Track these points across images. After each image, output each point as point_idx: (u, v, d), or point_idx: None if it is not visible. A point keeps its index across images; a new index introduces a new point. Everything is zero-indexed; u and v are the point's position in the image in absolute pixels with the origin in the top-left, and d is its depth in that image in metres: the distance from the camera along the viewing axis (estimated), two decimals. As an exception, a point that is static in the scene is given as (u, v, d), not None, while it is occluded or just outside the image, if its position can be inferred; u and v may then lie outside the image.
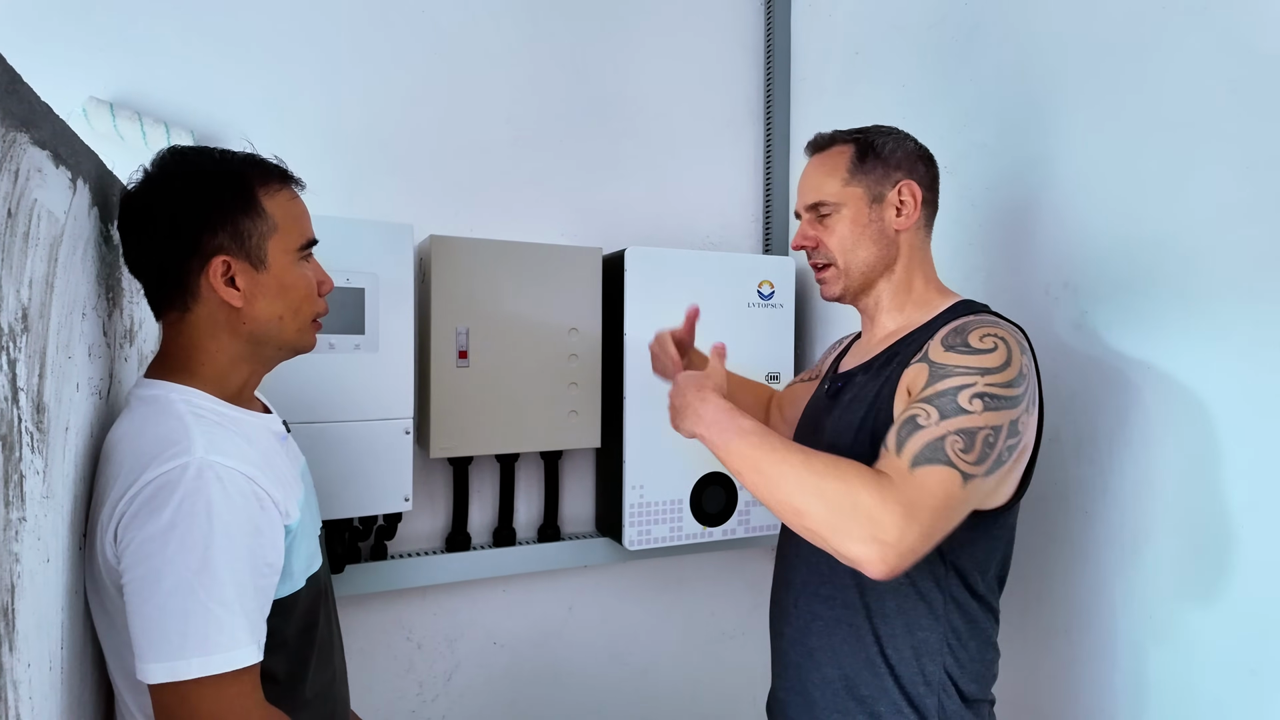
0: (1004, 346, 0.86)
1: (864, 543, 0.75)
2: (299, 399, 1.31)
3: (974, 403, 0.81)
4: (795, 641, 1.04)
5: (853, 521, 0.76)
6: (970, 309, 0.99)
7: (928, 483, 0.77)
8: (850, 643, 0.97)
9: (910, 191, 1.03)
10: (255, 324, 0.87)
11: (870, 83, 1.74)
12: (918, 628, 0.93)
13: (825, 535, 0.78)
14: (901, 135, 1.06)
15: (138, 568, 0.73)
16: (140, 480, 0.75)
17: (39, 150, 0.66)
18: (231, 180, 0.86)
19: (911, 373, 0.90)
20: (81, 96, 1.37)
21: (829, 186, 1.04)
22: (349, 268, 1.36)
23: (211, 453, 0.77)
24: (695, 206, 1.97)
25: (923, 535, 0.76)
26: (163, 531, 0.73)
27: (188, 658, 0.72)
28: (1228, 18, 1.03)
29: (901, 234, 1.03)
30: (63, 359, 0.73)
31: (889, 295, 1.05)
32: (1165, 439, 1.10)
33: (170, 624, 0.72)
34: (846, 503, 0.76)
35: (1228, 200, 1.03)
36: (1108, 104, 1.19)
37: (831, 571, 0.98)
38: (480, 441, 1.53)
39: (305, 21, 1.57)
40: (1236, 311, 1.02)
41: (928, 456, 0.79)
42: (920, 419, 0.82)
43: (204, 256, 0.83)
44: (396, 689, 1.67)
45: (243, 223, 0.85)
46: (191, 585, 0.73)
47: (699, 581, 1.97)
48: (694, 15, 1.95)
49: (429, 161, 1.68)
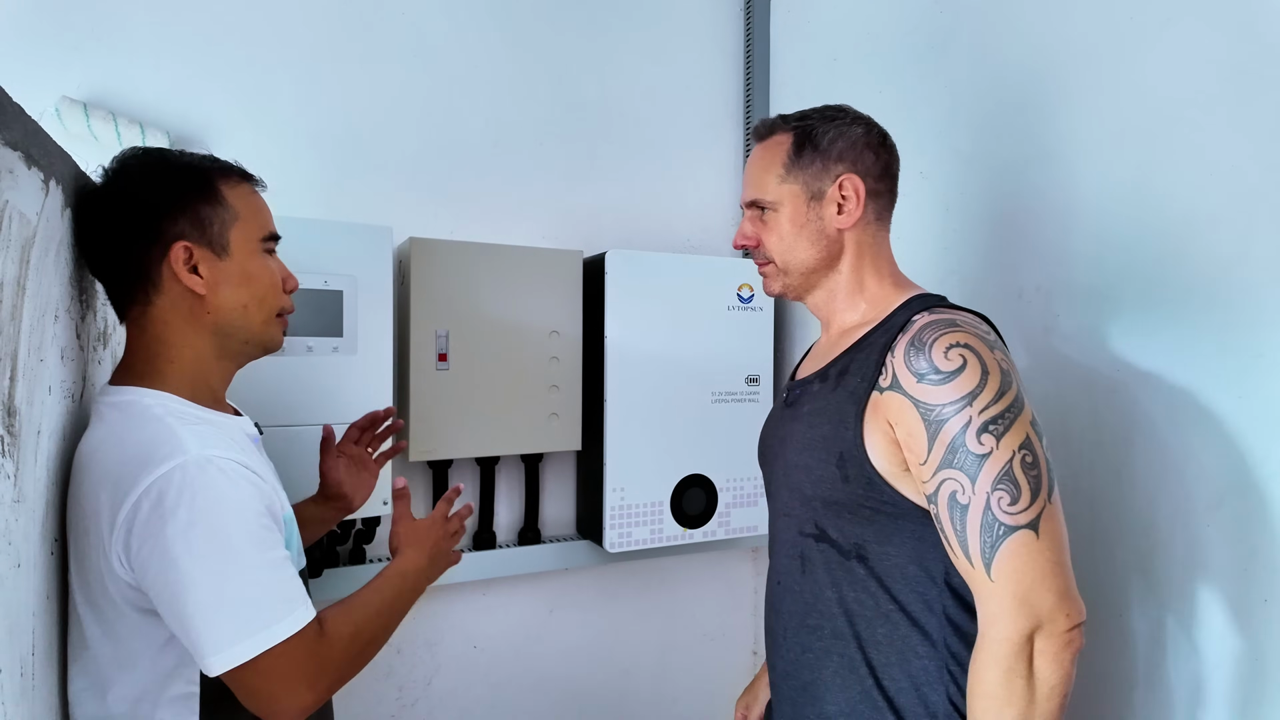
0: (971, 357, 0.80)
1: (1046, 660, 0.75)
2: (277, 402, 1.30)
3: (984, 440, 0.77)
4: (788, 675, 0.96)
5: (1027, 692, 0.75)
6: (924, 302, 0.92)
7: (1011, 566, 0.75)
8: (843, 675, 0.89)
9: (852, 186, 0.94)
10: (219, 314, 0.87)
11: (848, 89, 1.76)
12: (913, 655, 0.85)
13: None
14: (847, 120, 0.97)
15: (169, 573, 0.74)
16: (138, 489, 0.75)
17: (10, 151, 0.66)
18: (190, 170, 0.87)
19: (891, 409, 0.83)
20: (54, 96, 1.35)
21: (767, 183, 0.97)
22: (327, 270, 1.35)
23: (206, 448, 0.78)
24: (675, 210, 1.97)
25: (1053, 598, 0.75)
26: (184, 531, 0.74)
27: (253, 635, 0.75)
28: (1195, 28, 1.06)
29: (846, 231, 0.96)
30: (34, 362, 0.72)
31: (841, 294, 0.98)
32: (1138, 439, 1.13)
33: (220, 613, 0.74)
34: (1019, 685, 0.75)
35: (1194, 205, 1.06)
36: (1080, 111, 1.22)
37: (816, 599, 0.91)
38: (460, 444, 1.53)
39: (284, 22, 1.56)
40: (1207, 312, 1.05)
41: (991, 543, 0.76)
42: (959, 495, 0.78)
43: (165, 244, 0.83)
44: (375, 693, 1.66)
45: (203, 209, 0.85)
46: (226, 573, 0.75)
47: (680, 583, 1.98)
48: (674, 21, 1.97)
49: (409, 163, 1.67)
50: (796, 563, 0.94)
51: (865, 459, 0.85)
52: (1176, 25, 1.08)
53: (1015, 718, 0.74)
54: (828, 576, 0.89)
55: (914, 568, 0.85)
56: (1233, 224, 1.01)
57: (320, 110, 1.59)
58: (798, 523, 0.94)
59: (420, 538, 1.01)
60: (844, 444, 0.86)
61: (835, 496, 0.88)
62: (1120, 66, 1.16)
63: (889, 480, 0.84)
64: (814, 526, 0.91)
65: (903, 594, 0.85)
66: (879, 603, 0.86)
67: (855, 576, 0.87)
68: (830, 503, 0.88)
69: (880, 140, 0.98)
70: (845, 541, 0.88)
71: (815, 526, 0.91)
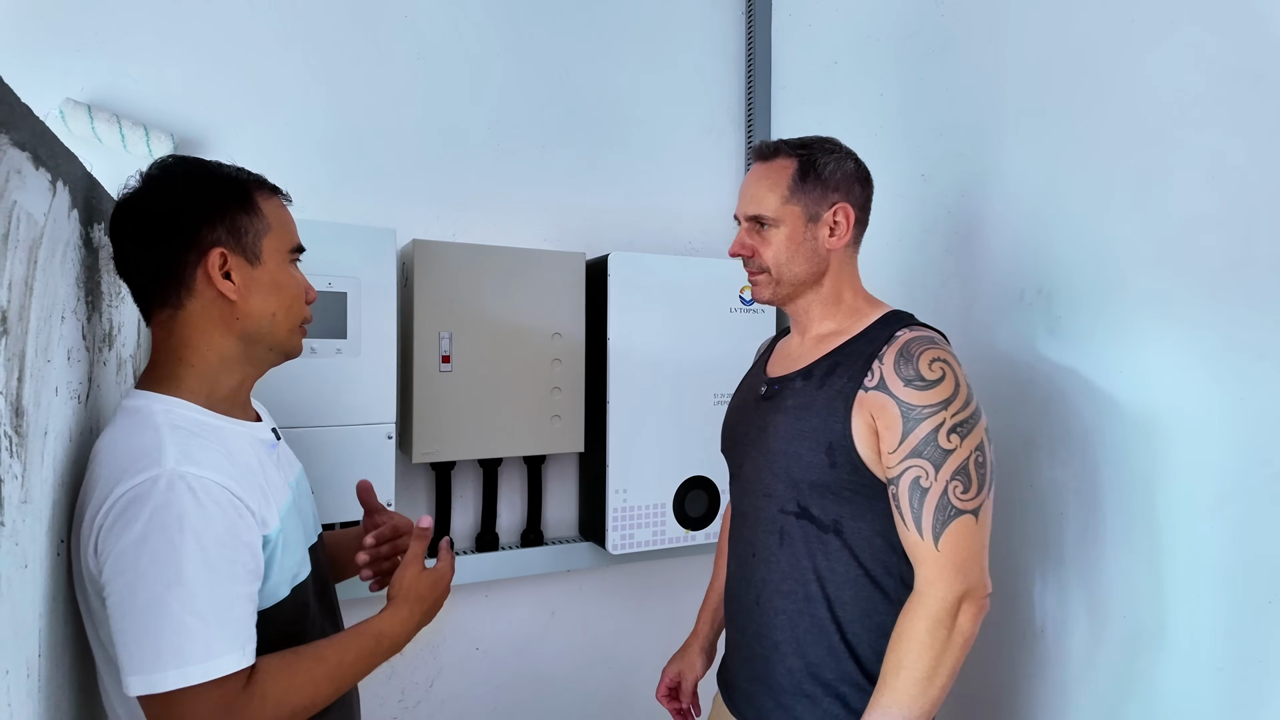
0: (949, 371, 0.96)
1: (968, 618, 0.93)
2: (281, 403, 1.30)
3: (951, 438, 0.94)
4: (760, 636, 1.08)
5: (947, 641, 0.93)
6: (900, 319, 1.07)
7: (954, 541, 0.93)
8: (813, 633, 1.03)
9: (845, 214, 1.08)
10: (249, 320, 0.88)
11: (848, 92, 1.77)
12: (875, 611, 1.01)
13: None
14: (843, 154, 1.10)
15: (115, 581, 0.74)
16: (114, 494, 0.75)
17: (18, 152, 0.66)
18: (230, 180, 0.89)
19: (875, 404, 0.98)
20: (59, 98, 1.35)
21: (769, 202, 1.08)
22: (331, 272, 1.35)
23: (183, 463, 0.77)
24: (677, 213, 1.98)
25: (979, 571, 0.94)
26: (135, 544, 0.73)
27: (164, 670, 0.72)
28: (1194, 34, 1.07)
29: (833, 252, 1.09)
30: (41, 362, 0.72)
31: (819, 305, 1.11)
32: (1138, 441, 1.13)
33: (146, 637, 0.72)
34: (938, 648, 0.93)
35: (1195, 208, 1.06)
36: (1082, 113, 1.22)
37: (792, 568, 1.05)
38: (463, 446, 1.53)
39: (287, 26, 1.56)
40: (1206, 315, 1.05)
41: (942, 520, 0.93)
42: (922, 480, 0.94)
43: (201, 249, 0.85)
44: (378, 696, 1.66)
45: (240, 219, 0.88)
46: (164, 598, 0.73)
47: (682, 585, 1.97)
48: (676, 24, 1.97)
49: (411, 166, 1.68)
50: (775, 537, 1.06)
51: (852, 447, 0.99)
52: (1179, 27, 1.09)
53: (933, 659, 0.91)
54: (805, 548, 1.03)
55: (879, 539, 1.01)
56: (1235, 224, 1.02)
57: (323, 113, 1.60)
58: (779, 502, 1.06)
59: (423, 593, 0.95)
60: (833, 434, 1.00)
61: (821, 479, 1.01)
62: (1122, 67, 1.16)
63: (869, 465, 0.99)
64: (796, 505, 1.04)
65: (869, 561, 1.01)
66: (849, 570, 1.01)
67: (830, 548, 1.02)
68: (815, 485, 1.02)
69: (866, 176, 1.12)
70: (825, 517, 1.02)
71: (797, 505, 1.04)
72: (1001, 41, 1.37)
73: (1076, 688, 1.21)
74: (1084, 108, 1.22)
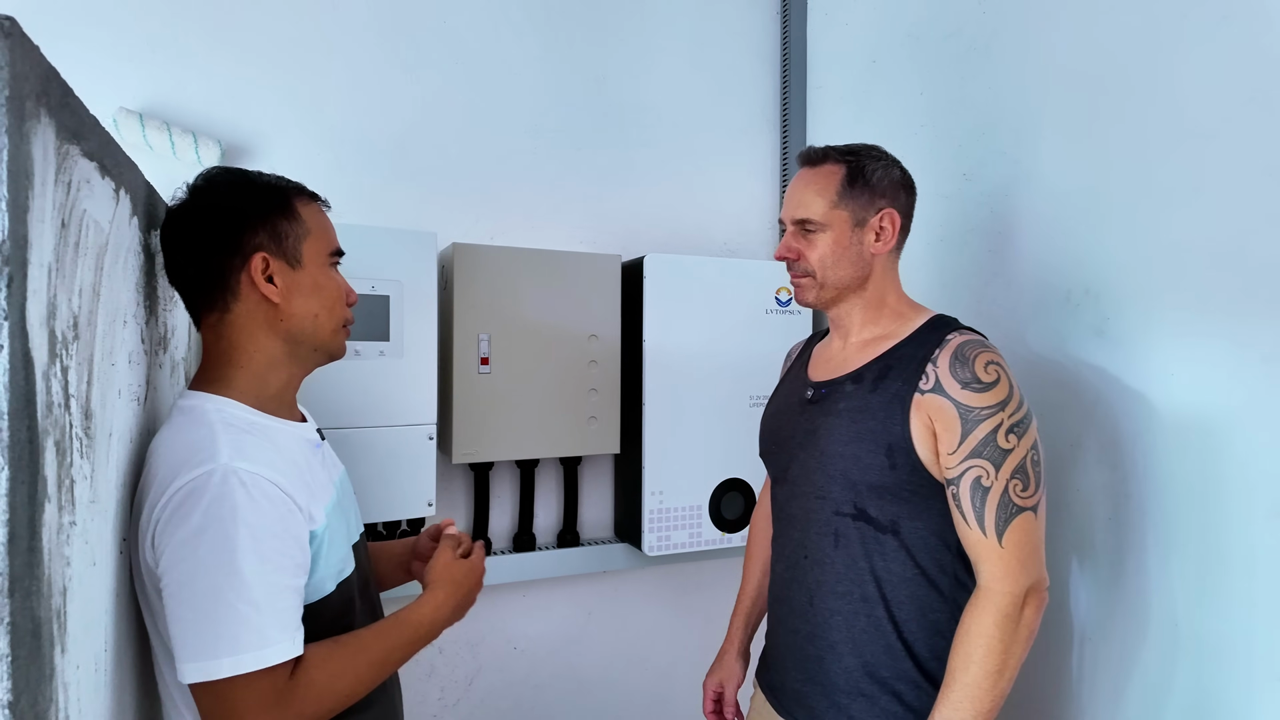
0: (1003, 373, 0.98)
1: (1032, 611, 0.96)
2: (326, 405, 1.32)
3: (1009, 438, 0.96)
4: (813, 637, 1.09)
5: (1014, 634, 0.95)
6: (946, 324, 1.08)
7: (1017, 538, 0.95)
8: (870, 633, 1.04)
9: (891, 220, 1.09)
10: (292, 321, 0.91)
11: (887, 91, 1.75)
12: (930, 610, 1.03)
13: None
14: (890, 162, 1.11)
15: (172, 572, 0.76)
16: (171, 488, 0.78)
17: (88, 162, 0.68)
18: (271, 188, 0.93)
19: (932, 406, 0.99)
20: (112, 107, 1.39)
21: (817, 206, 1.09)
22: (374, 275, 1.37)
23: (236, 459, 0.80)
24: (712, 214, 1.98)
25: (1039, 565, 0.97)
26: (192, 536, 0.76)
27: (219, 658, 0.75)
28: (1245, 28, 1.04)
29: (877, 257, 1.10)
30: (106, 366, 0.75)
31: (861, 309, 1.13)
32: (1188, 445, 1.10)
33: (202, 625, 0.75)
34: (1007, 642, 0.95)
35: (1248, 208, 1.03)
36: (1130, 111, 1.20)
37: (848, 569, 1.06)
38: (501, 447, 1.54)
39: (330, 33, 1.59)
40: (1260, 318, 1.02)
41: (1005, 518, 0.95)
42: (983, 479, 0.96)
43: (245, 254, 0.88)
44: (418, 693, 1.68)
45: (280, 224, 0.91)
46: (220, 587, 0.76)
47: (718, 587, 1.97)
48: (710, 25, 1.97)
49: (451, 170, 1.70)
50: (829, 539, 1.07)
51: (911, 449, 1.00)
52: (1231, 21, 1.06)
53: (1002, 653, 0.94)
54: (861, 549, 1.05)
55: (935, 539, 1.02)
56: (1295, 224, 0.99)
57: (366, 119, 1.62)
58: (834, 504, 1.07)
59: (457, 578, 0.99)
60: (892, 436, 1.01)
61: (881, 481, 1.02)
62: (1173, 64, 1.13)
63: (926, 466, 1.00)
64: (852, 507, 1.05)
65: (924, 560, 1.02)
66: (905, 569, 1.03)
67: (887, 548, 1.03)
68: (875, 486, 1.03)
69: (911, 183, 1.14)
70: (883, 518, 1.03)
71: (854, 507, 1.05)
72: (1045, 39, 1.35)
73: (1120, 693, 1.18)
74: (1132, 105, 1.19)
